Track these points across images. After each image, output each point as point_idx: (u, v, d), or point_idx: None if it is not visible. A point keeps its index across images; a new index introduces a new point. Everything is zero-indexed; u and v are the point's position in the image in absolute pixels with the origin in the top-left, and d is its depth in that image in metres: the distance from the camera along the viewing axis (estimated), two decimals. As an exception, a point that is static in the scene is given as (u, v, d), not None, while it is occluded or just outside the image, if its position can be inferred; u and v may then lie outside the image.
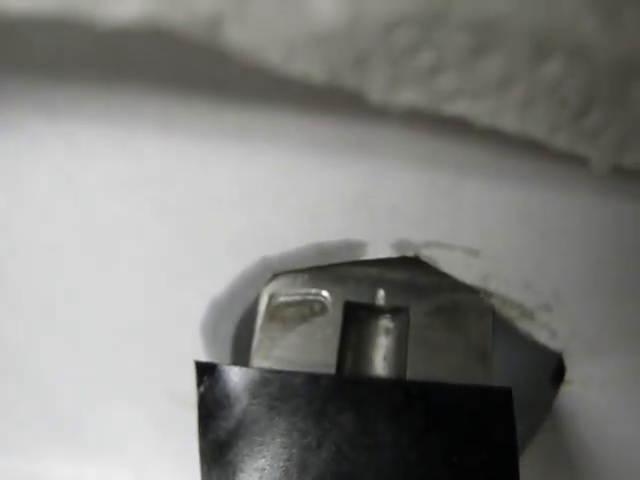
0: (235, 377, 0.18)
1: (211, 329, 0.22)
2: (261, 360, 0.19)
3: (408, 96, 0.11)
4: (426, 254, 0.19)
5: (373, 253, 0.19)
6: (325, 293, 0.20)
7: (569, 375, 0.22)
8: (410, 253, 0.19)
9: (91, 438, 0.28)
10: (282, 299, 0.20)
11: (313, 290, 0.20)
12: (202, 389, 0.18)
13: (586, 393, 0.22)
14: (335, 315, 0.20)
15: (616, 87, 0.12)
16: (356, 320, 0.20)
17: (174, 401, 0.25)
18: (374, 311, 0.20)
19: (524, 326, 0.20)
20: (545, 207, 0.17)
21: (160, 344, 0.23)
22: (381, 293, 0.20)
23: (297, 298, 0.20)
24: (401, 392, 0.18)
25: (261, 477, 0.18)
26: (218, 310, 0.21)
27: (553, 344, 0.21)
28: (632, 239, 0.18)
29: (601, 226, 0.18)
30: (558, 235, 0.18)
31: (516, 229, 0.18)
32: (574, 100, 0.12)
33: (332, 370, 0.19)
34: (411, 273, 0.20)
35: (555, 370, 0.22)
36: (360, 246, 0.19)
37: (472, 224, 0.18)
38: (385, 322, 0.20)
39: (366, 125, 0.17)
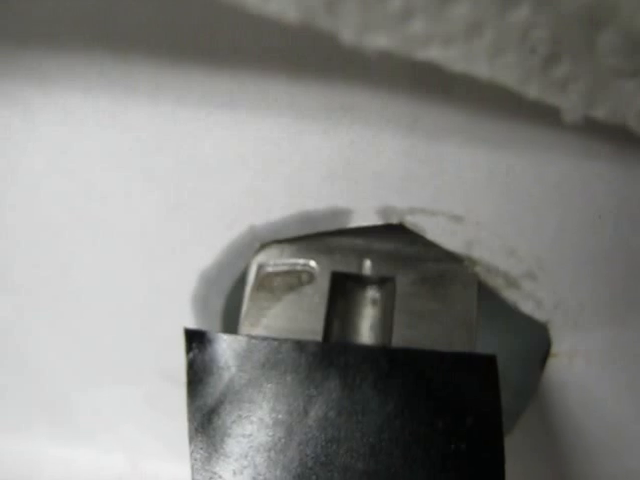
0: (223, 344, 0.18)
1: (201, 302, 0.22)
2: (250, 328, 0.20)
3: (380, 41, 0.12)
4: (410, 221, 0.19)
5: (358, 220, 0.19)
6: (313, 263, 0.20)
7: (555, 348, 0.22)
8: (395, 220, 0.19)
9: (83, 419, 0.28)
10: (270, 269, 0.21)
11: (301, 260, 0.20)
12: (191, 355, 0.18)
13: (572, 366, 0.22)
14: (322, 285, 0.20)
15: (583, 37, 0.12)
16: (343, 290, 0.20)
17: (166, 379, 0.25)
18: (361, 281, 0.21)
19: (510, 296, 0.20)
20: (526, 172, 0.18)
21: (151, 320, 0.23)
22: (368, 263, 0.20)
23: (285, 268, 0.20)
24: (386, 359, 0.18)
25: (249, 443, 0.18)
26: (207, 282, 0.22)
27: (539, 315, 0.21)
28: (613, 206, 0.18)
29: (581, 192, 0.18)
30: (539, 201, 0.18)
31: (498, 195, 0.18)
32: (543, 49, 0.12)
33: (319, 338, 0.19)
34: (397, 243, 0.20)
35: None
36: (345, 213, 0.19)
37: (455, 189, 0.18)
38: (372, 292, 0.21)
39: (349, 93, 0.17)
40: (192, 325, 0.23)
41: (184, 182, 0.19)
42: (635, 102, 0.14)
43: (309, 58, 0.16)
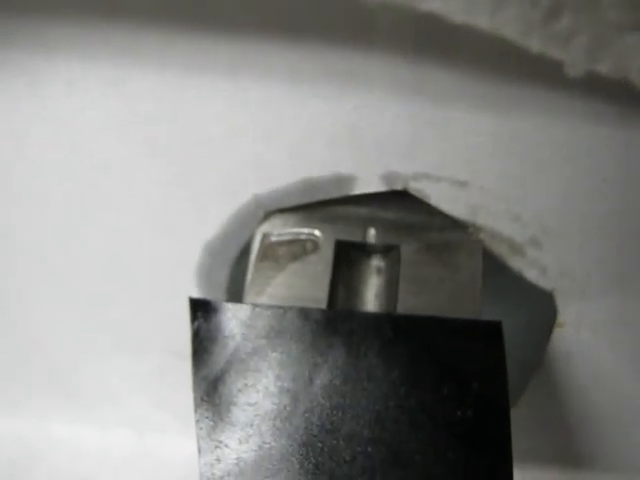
0: (228, 313, 0.18)
1: (206, 273, 0.22)
2: (254, 297, 0.20)
3: (381, -10, 0.12)
4: (415, 187, 0.19)
5: (363, 187, 0.19)
6: (317, 232, 0.20)
7: (561, 317, 0.22)
8: (399, 186, 0.19)
9: (89, 394, 0.28)
10: (275, 238, 0.21)
11: (305, 229, 0.20)
12: (196, 325, 0.19)
13: (578, 336, 0.22)
14: (327, 253, 0.20)
15: (586, -12, 0.12)
16: (347, 258, 0.20)
17: (171, 352, 0.25)
18: (365, 249, 0.21)
19: (515, 264, 0.20)
20: (530, 136, 0.18)
21: (156, 292, 0.23)
22: (372, 232, 0.20)
23: (289, 237, 0.20)
24: (391, 326, 0.18)
25: (254, 411, 0.18)
26: (212, 252, 0.22)
27: (544, 282, 0.21)
28: (617, 170, 0.18)
29: (586, 156, 0.18)
30: (544, 165, 0.18)
31: (502, 159, 0.18)
32: (544, 2, 0.12)
33: (324, 306, 0.19)
34: (401, 212, 0.20)
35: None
36: (350, 180, 0.19)
37: (459, 155, 0.18)
38: (376, 260, 0.21)
39: (352, 57, 0.17)
40: (196, 295, 0.23)
41: (187, 152, 0.19)
42: (638, 56, 0.14)
43: (311, 23, 0.16)
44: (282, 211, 0.21)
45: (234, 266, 0.22)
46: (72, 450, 0.30)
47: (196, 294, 0.23)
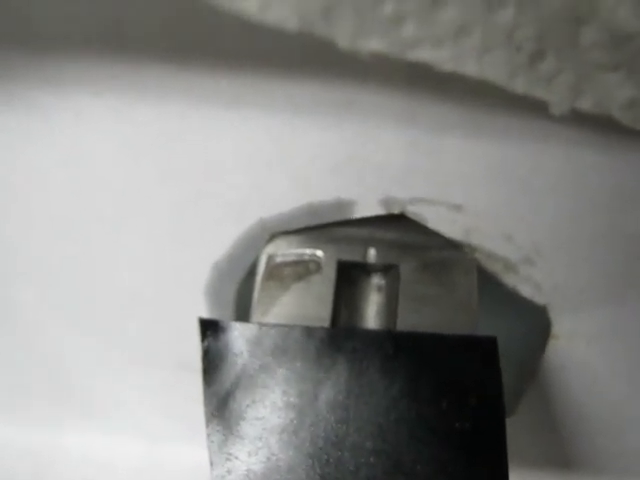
0: (236, 332, 0.19)
1: (214, 291, 0.23)
2: (261, 316, 0.20)
3: (374, 44, 0.13)
4: (412, 210, 0.20)
5: (362, 211, 0.20)
6: (319, 253, 0.21)
7: (555, 330, 0.23)
8: (396, 210, 0.20)
9: (100, 406, 0.29)
10: (279, 259, 0.21)
11: (308, 251, 0.21)
12: (206, 344, 0.19)
13: (572, 348, 0.23)
14: (329, 273, 0.21)
15: (567, 34, 0.13)
16: (349, 278, 0.21)
17: (181, 366, 0.26)
18: (366, 269, 0.21)
19: (509, 281, 0.21)
20: (521, 163, 0.18)
21: (166, 310, 0.24)
22: (372, 252, 0.21)
23: (293, 258, 0.21)
24: (391, 342, 0.19)
25: (262, 425, 0.19)
26: (220, 273, 0.23)
27: (538, 298, 0.22)
28: (605, 192, 0.19)
29: (575, 180, 0.19)
30: (535, 189, 0.19)
31: (495, 184, 0.19)
32: (528, 46, 0.13)
33: (327, 324, 0.20)
34: (400, 232, 0.21)
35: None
36: (350, 204, 0.20)
37: (453, 180, 0.19)
38: (376, 279, 0.21)
39: (347, 91, 0.18)
40: (205, 314, 0.24)
41: (194, 178, 0.20)
42: (618, 94, 0.14)
43: (308, 60, 0.17)
44: (286, 233, 0.21)
45: (241, 285, 0.23)
46: (83, 460, 0.31)
47: (205, 312, 0.24)
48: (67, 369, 0.28)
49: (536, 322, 0.23)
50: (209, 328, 0.19)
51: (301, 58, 0.17)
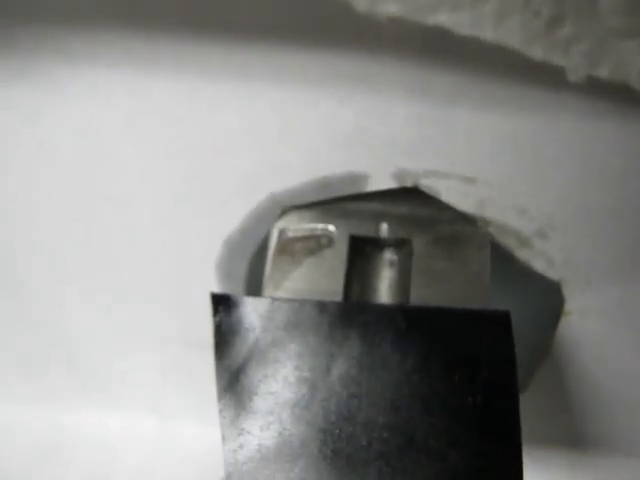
0: (248, 306, 0.19)
1: (225, 267, 0.23)
2: (272, 291, 0.20)
3: (392, 8, 0.12)
4: (425, 183, 0.20)
5: (375, 184, 0.20)
6: (331, 227, 0.21)
7: (568, 306, 0.23)
8: (409, 183, 0.20)
9: (114, 385, 0.29)
10: (291, 234, 0.21)
11: (320, 225, 0.21)
12: (218, 319, 0.19)
13: (585, 324, 0.23)
14: (341, 248, 0.21)
15: (584, 0, 0.13)
16: (361, 252, 0.21)
17: (193, 343, 0.26)
18: (378, 243, 0.21)
19: (522, 255, 0.21)
20: (534, 133, 0.18)
21: (178, 286, 0.24)
22: (384, 226, 0.21)
23: (305, 233, 0.21)
24: (404, 317, 0.19)
25: (274, 400, 0.19)
26: (231, 248, 0.22)
27: (551, 273, 0.21)
28: (618, 164, 0.19)
29: (587, 151, 0.18)
30: (548, 161, 0.19)
31: (508, 156, 0.19)
32: (546, 11, 0.13)
33: (339, 299, 0.20)
34: (412, 206, 0.21)
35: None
36: (362, 178, 0.20)
37: (466, 152, 0.19)
38: (389, 254, 0.21)
39: (361, 61, 0.18)
40: (217, 289, 0.24)
41: (206, 152, 0.20)
42: (636, 61, 0.14)
43: (320, 33, 0.17)
44: (298, 208, 0.21)
45: (252, 260, 0.23)
46: (95, 438, 0.31)
47: (216, 287, 0.24)
48: (77, 348, 0.28)
49: (549, 298, 0.23)
50: (221, 303, 0.19)
51: (312, 30, 0.17)
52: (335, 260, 0.21)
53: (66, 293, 0.26)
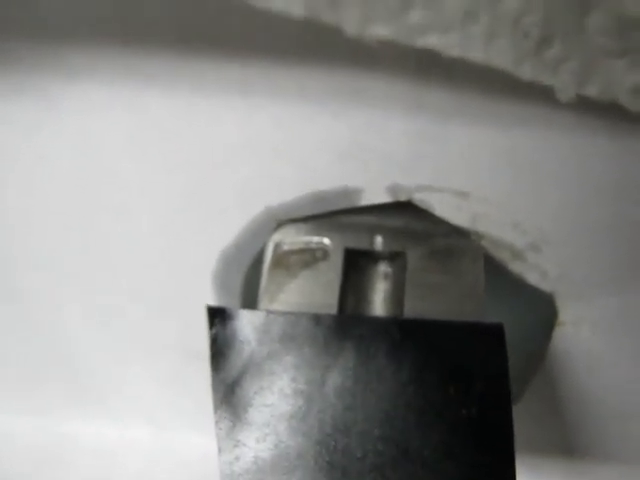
0: (243, 319, 0.19)
1: (221, 279, 0.23)
2: (268, 304, 0.21)
3: (381, 30, 0.13)
4: (418, 198, 0.20)
5: (369, 198, 0.20)
6: (326, 241, 0.21)
7: (561, 317, 0.23)
8: (403, 197, 0.20)
9: (109, 395, 0.29)
10: (286, 247, 0.21)
11: (315, 238, 0.21)
12: (214, 331, 0.19)
13: (578, 334, 0.23)
14: (336, 261, 0.21)
15: (573, 19, 0.13)
16: (356, 265, 0.21)
17: (189, 355, 0.26)
18: (373, 256, 0.21)
19: (515, 268, 0.21)
20: (527, 149, 0.18)
21: (174, 298, 0.24)
22: (379, 239, 0.21)
23: (300, 246, 0.21)
24: (398, 329, 0.19)
25: (270, 412, 0.19)
26: (227, 261, 0.23)
27: (544, 285, 0.22)
28: (611, 179, 0.19)
29: (581, 167, 0.19)
30: (541, 176, 0.19)
31: (502, 171, 0.19)
32: (535, 32, 0.13)
33: (334, 312, 0.20)
34: (407, 220, 0.21)
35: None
36: (357, 192, 0.20)
37: (460, 167, 0.19)
38: (383, 266, 0.21)
39: (355, 78, 0.18)
40: (213, 302, 0.24)
41: (202, 166, 0.20)
42: (625, 80, 0.14)
43: (315, 47, 0.17)
44: (293, 221, 0.22)
45: (248, 273, 0.23)
46: (92, 448, 0.31)
47: (212, 300, 0.24)
48: (76, 358, 0.28)
49: (542, 309, 0.23)
50: (217, 315, 0.19)
51: (308, 46, 0.17)
52: (330, 273, 0.21)
53: (64, 305, 0.26)
